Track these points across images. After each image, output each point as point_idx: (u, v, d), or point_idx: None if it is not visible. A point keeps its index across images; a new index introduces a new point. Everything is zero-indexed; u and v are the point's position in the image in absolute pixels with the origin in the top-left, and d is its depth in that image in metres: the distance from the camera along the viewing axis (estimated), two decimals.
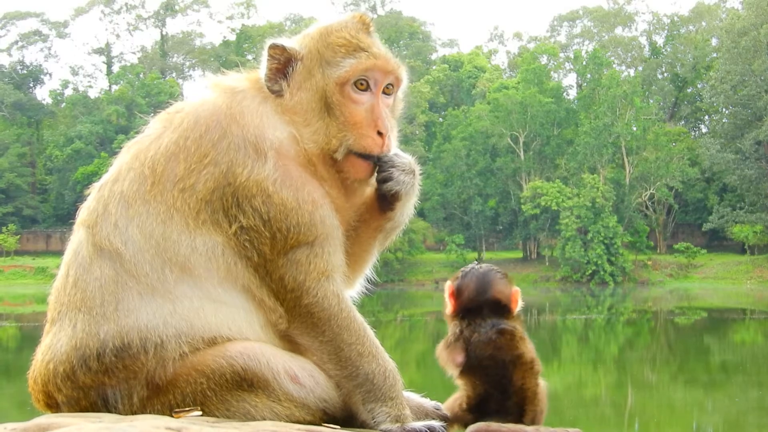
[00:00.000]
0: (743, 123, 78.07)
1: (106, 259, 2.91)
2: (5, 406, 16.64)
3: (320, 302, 2.96)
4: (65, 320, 2.91)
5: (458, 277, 3.20)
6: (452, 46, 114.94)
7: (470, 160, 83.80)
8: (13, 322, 41.68)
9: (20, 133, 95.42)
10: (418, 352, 28.05)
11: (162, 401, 2.85)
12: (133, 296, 2.87)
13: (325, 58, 3.14)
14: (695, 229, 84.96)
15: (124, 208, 2.96)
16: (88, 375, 2.84)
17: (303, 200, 2.99)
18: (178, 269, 2.90)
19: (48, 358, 2.91)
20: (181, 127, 3.05)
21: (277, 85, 3.14)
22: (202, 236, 2.94)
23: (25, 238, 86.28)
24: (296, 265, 2.96)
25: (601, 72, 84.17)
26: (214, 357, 2.85)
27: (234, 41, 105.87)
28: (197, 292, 2.91)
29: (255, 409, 2.85)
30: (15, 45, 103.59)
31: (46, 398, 2.93)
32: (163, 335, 2.84)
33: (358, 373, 2.98)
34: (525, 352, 3.04)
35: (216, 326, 2.90)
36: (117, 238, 2.92)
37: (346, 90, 3.12)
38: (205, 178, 2.96)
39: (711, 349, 33.22)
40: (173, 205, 2.95)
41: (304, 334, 3.00)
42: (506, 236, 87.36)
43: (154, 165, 2.99)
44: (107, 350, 2.83)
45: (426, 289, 75.67)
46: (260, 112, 3.08)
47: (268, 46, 3.15)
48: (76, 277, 2.93)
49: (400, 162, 3.22)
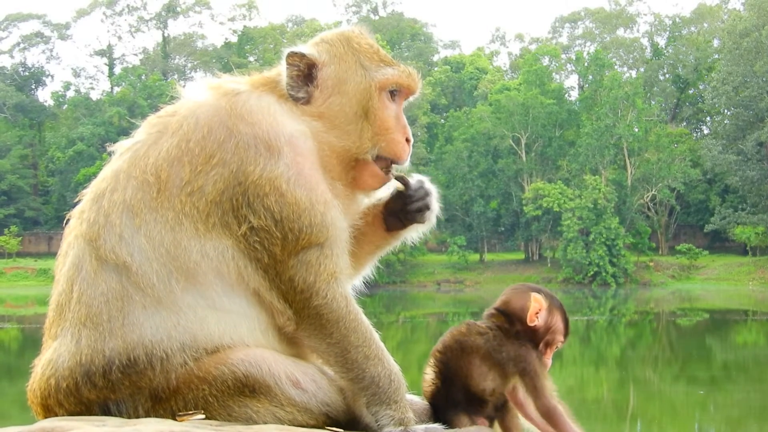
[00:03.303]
0: (745, 124, 78.03)
1: (112, 273, 2.86)
2: (8, 408, 16.67)
3: (329, 304, 2.94)
4: (67, 335, 2.87)
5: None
6: (454, 48, 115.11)
7: (472, 162, 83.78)
8: (15, 324, 41.71)
9: (22, 134, 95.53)
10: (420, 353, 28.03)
11: (164, 407, 2.85)
12: (139, 310, 2.83)
13: (362, 63, 3.21)
14: (697, 230, 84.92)
15: (129, 218, 2.90)
16: (93, 391, 2.82)
17: (316, 200, 2.97)
18: (185, 279, 2.87)
19: (49, 373, 2.86)
20: (181, 130, 2.99)
21: (301, 92, 3.16)
22: (212, 241, 2.90)
23: (27, 240, 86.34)
24: (306, 266, 2.94)
25: (603, 73, 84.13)
26: (215, 364, 2.84)
27: (236, 43, 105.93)
28: (201, 302, 2.88)
29: (257, 414, 2.85)
30: (17, 47, 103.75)
31: (45, 412, 2.90)
32: (168, 349, 2.82)
33: (364, 376, 2.97)
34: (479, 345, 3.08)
35: (218, 336, 2.88)
36: (123, 249, 2.87)
37: (382, 96, 3.21)
38: (213, 179, 2.92)
39: (713, 350, 33.19)
40: (182, 210, 2.90)
41: (311, 336, 2.98)
42: (508, 238, 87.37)
43: (157, 171, 2.93)
44: (113, 367, 2.79)
45: (428, 291, 75.67)
46: (272, 111, 3.06)
47: (286, 54, 3.17)
48: (80, 292, 2.88)
49: (432, 189, 3.35)
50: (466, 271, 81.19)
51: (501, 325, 3.14)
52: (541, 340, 3.13)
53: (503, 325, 3.14)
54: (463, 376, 3.05)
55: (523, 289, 3.21)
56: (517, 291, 3.21)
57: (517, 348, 3.09)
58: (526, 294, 3.16)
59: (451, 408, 3.06)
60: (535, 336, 3.12)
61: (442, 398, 3.09)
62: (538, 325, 3.11)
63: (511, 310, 3.15)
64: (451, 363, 3.07)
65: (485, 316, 3.21)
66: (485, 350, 3.05)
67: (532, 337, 3.12)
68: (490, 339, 3.08)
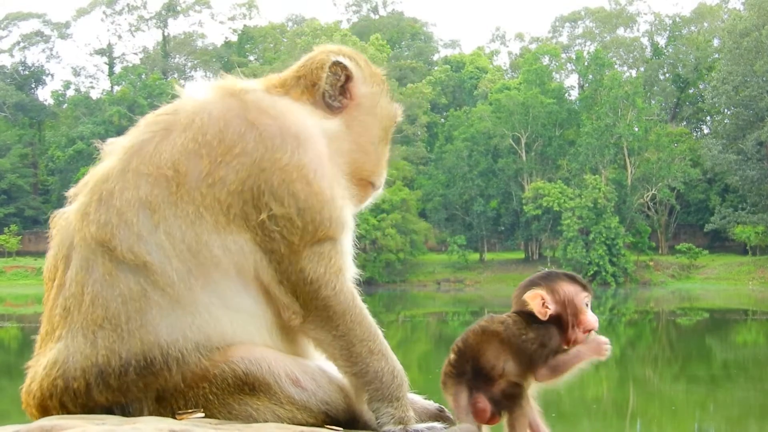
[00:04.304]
0: (745, 124, 78.04)
1: (128, 273, 2.82)
2: (7, 407, 16.66)
3: (337, 295, 2.96)
4: (78, 337, 2.82)
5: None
6: (454, 47, 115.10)
7: (472, 161, 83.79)
8: (14, 323, 41.75)
9: (22, 134, 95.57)
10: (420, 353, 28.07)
11: (164, 405, 2.84)
12: (156, 310, 2.80)
13: (387, 89, 3.41)
14: (697, 229, 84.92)
15: (147, 216, 2.86)
16: (104, 393, 2.79)
17: (337, 195, 3.02)
18: (203, 276, 2.85)
19: (55, 374, 2.81)
20: (194, 125, 2.96)
21: (336, 101, 3.25)
22: (232, 235, 2.89)
23: (27, 239, 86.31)
24: (319, 258, 2.95)
25: (603, 73, 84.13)
26: (216, 362, 2.83)
27: (236, 42, 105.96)
28: (216, 301, 2.87)
29: (257, 412, 2.85)
30: (17, 46, 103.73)
31: (42, 413, 2.86)
32: (183, 349, 2.81)
33: (368, 370, 2.97)
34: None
35: (231, 336, 2.88)
36: (141, 248, 2.83)
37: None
38: (235, 168, 2.90)
39: (713, 349, 33.21)
40: (202, 202, 2.87)
41: (318, 328, 2.99)
42: (508, 237, 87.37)
43: (175, 165, 2.90)
44: (130, 368, 2.78)
45: (428, 290, 75.70)
46: (293, 108, 3.10)
47: (332, 63, 3.24)
48: (93, 294, 2.82)
49: None
50: (466, 270, 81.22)
51: (522, 315, 3.12)
52: (570, 316, 3.10)
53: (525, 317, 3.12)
54: (476, 351, 3.04)
55: (522, 290, 3.19)
56: (518, 295, 3.19)
57: (540, 329, 3.06)
58: (523, 297, 3.14)
59: (457, 377, 3.05)
60: (562, 318, 3.09)
61: (452, 369, 3.06)
62: (554, 311, 3.09)
63: (527, 312, 3.14)
64: (470, 341, 3.06)
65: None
66: (505, 335, 3.04)
67: (560, 321, 3.08)
68: (510, 325, 3.07)
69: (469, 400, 3.00)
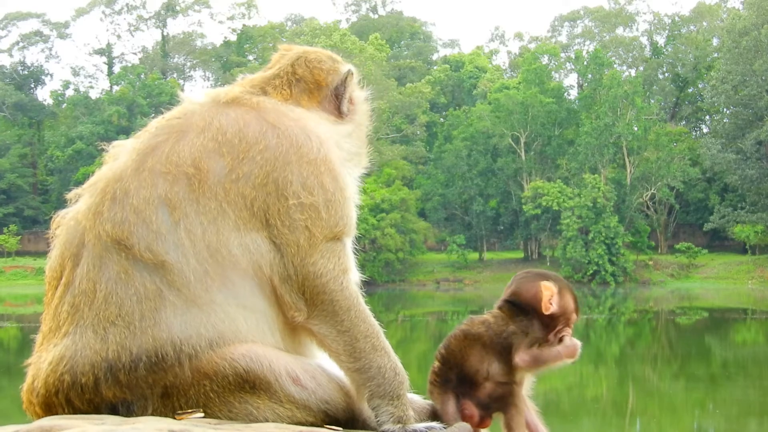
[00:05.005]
0: (744, 123, 78.02)
1: (144, 272, 2.82)
2: (6, 407, 16.66)
3: (343, 291, 2.99)
4: (87, 332, 2.82)
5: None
6: (453, 47, 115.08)
7: (471, 161, 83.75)
8: (14, 323, 41.76)
9: (21, 133, 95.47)
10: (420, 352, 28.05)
11: (165, 404, 2.84)
12: (171, 309, 2.81)
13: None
14: (696, 229, 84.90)
15: (167, 214, 2.85)
16: (112, 389, 2.79)
17: (352, 197, 3.13)
18: (220, 276, 2.86)
19: (62, 369, 2.81)
20: (212, 126, 2.99)
21: (348, 108, 3.34)
22: (251, 233, 2.92)
23: (26, 239, 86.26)
24: (330, 254, 2.99)
25: (602, 72, 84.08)
26: (216, 359, 2.84)
27: (235, 42, 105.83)
28: (232, 300, 2.88)
29: (257, 410, 2.86)
30: (16, 46, 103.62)
31: (46, 411, 2.86)
32: (196, 345, 2.82)
33: (370, 366, 2.99)
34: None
35: (244, 335, 2.89)
36: (160, 247, 2.83)
37: None
38: (260, 163, 2.94)
39: (712, 349, 33.23)
40: (225, 198, 2.89)
41: (323, 323, 3.00)
42: (507, 236, 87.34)
43: (196, 163, 2.91)
44: (141, 364, 2.78)
45: (427, 290, 75.63)
46: (308, 114, 3.17)
47: (348, 72, 3.34)
48: (107, 291, 2.82)
49: None
50: (466, 269, 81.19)
51: (504, 311, 3.13)
52: (558, 323, 3.12)
53: (508, 311, 3.12)
54: (460, 358, 3.07)
55: (532, 278, 3.19)
56: (526, 279, 3.19)
57: (523, 322, 3.08)
58: (535, 282, 3.14)
59: (442, 385, 3.08)
60: (552, 321, 3.10)
61: (437, 378, 3.10)
62: (554, 311, 3.10)
63: (523, 300, 3.13)
64: (452, 347, 3.09)
65: (495, 307, 3.20)
66: (488, 337, 3.06)
67: (548, 322, 3.10)
68: (491, 325, 3.08)
69: (457, 407, 3.03)
